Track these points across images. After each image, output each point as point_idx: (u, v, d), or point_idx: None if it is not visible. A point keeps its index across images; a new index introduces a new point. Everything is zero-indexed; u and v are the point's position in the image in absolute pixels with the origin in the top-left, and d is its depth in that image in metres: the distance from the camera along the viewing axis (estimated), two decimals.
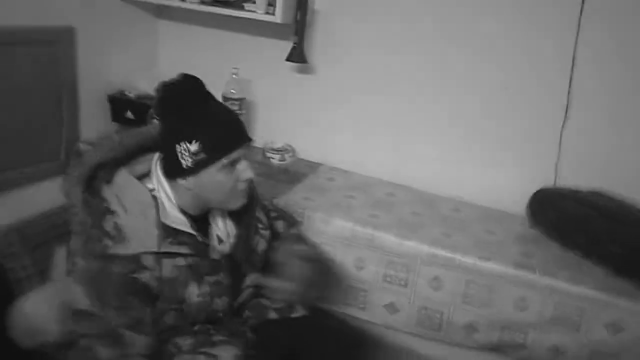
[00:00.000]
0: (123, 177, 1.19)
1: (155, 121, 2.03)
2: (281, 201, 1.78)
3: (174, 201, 1.21)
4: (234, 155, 1.18)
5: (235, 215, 1.35)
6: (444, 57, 1.99)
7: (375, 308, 1.73)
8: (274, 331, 1.37)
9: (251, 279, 1.40)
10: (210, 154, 1.15)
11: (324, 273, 1.45)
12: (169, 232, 1.16)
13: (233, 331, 1.31)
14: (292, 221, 1.64)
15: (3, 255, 1.30)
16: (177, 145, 1.15)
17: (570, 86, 1.82)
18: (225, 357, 1.17)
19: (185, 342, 1.21)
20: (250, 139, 1.23)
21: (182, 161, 1.15)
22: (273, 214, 1.54)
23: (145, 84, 2.19)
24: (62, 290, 1.15)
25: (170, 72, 2.43)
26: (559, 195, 1.77)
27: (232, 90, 2.14)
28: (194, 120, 1.16)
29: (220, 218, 1.32)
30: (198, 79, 1.20)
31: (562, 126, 1.86)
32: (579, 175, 1.87)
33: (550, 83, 1.86)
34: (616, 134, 1.83)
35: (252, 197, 1.42)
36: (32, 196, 1.95)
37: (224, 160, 1.17)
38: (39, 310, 1.27)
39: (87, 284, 1.09)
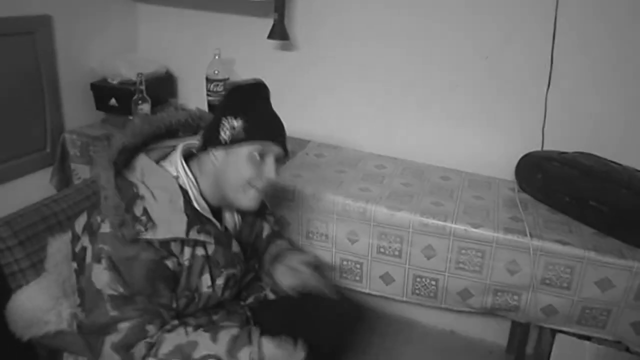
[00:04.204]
0: (145, 162, 1.20)
1: (140, 107, 2.04)
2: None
3: (197, 188, 1.22)
4: (267, 146, 1.21)
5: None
6: (426, 28, 1.98)
7: (371, 279, 1.76)
8: (272, 310, 1.40)
9: (251, 263, 1.43)
10: (248, 133, 1.18)
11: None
12: (195, 219, 1.18)
13: (231, 311, 1.33)
14: (276, 216, 1.67)
15: None
16: (224, 118, 1.19)
17: (553, 49, 1.82)
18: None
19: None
20: (287, 151, 1.27)
21: (221, 132, 1.18)
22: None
23: (127, 70, 2.16)
24: (87, 279, 1.13)
25: (150, 56, 2.42)
26: (545, 158, 1.79)
27: (216, 71, 2.12)
28: (248, 104, 1.21)
29: (228, 212, 1.34)
30: (265, 85, 1.26)
31: (547, 90, 1.87)
32: (566, 139, 1.88)
33: (532, 47, 1.85)
34: (601, 95, 1.83)
35: None
36: (19, 189, 1.95)
37: (256, 146, 1.19)
38: (36, 302, 1.28)
39: (117, 270, 1.09)
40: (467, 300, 1.68)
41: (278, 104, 2.32)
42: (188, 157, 1.25)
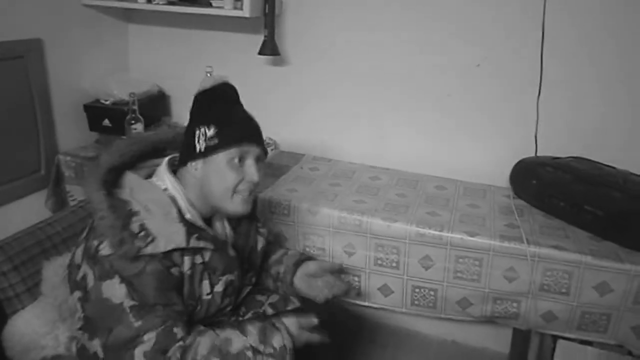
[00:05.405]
0: (133, 179, 1.21)
1: (133, 127, 2.04)
2: (266, 195, 1.78)
3: (186, 200, 1.23)
4: (245, 148, 1.21)
5: (234, 219, 1.37)
6: (416, 40, 1.99)
7: (370, 291, 1.75)
8: None
9: (249, 276, 1.42)
10: (223, 140, 1.19)
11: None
12: (192, 228, 1.19)
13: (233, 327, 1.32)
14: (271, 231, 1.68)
15: None
16: (197, 129, 1.20)
17: (542, 56, 1.84)
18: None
19: None
20: (264, 148, 1.28)
21: (197, 144, 1.20)
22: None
23: (119, 90, 2.17)
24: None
25: (142, 75, 2.43)
26: (539, 164, 1.79)
27: None
28: (218, 110, 1.22)
29: (219, 222, 1.34)
30: (232, 85, 1.28)
31: (538, 96, 1.88)
32: (559, 145, 1.89)
33: (522, 54, 1.87)
34: (592, 100, 1.85)
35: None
36: (14, 212, 1.94)
37: (234, 150, 1.19)
38: (33, 327, 1.27)
39: (130, 284, 1.09)
40: (467, 309, 1.67)
41: (271, 119, 2.34)
42: (174, 171, 1.26)
